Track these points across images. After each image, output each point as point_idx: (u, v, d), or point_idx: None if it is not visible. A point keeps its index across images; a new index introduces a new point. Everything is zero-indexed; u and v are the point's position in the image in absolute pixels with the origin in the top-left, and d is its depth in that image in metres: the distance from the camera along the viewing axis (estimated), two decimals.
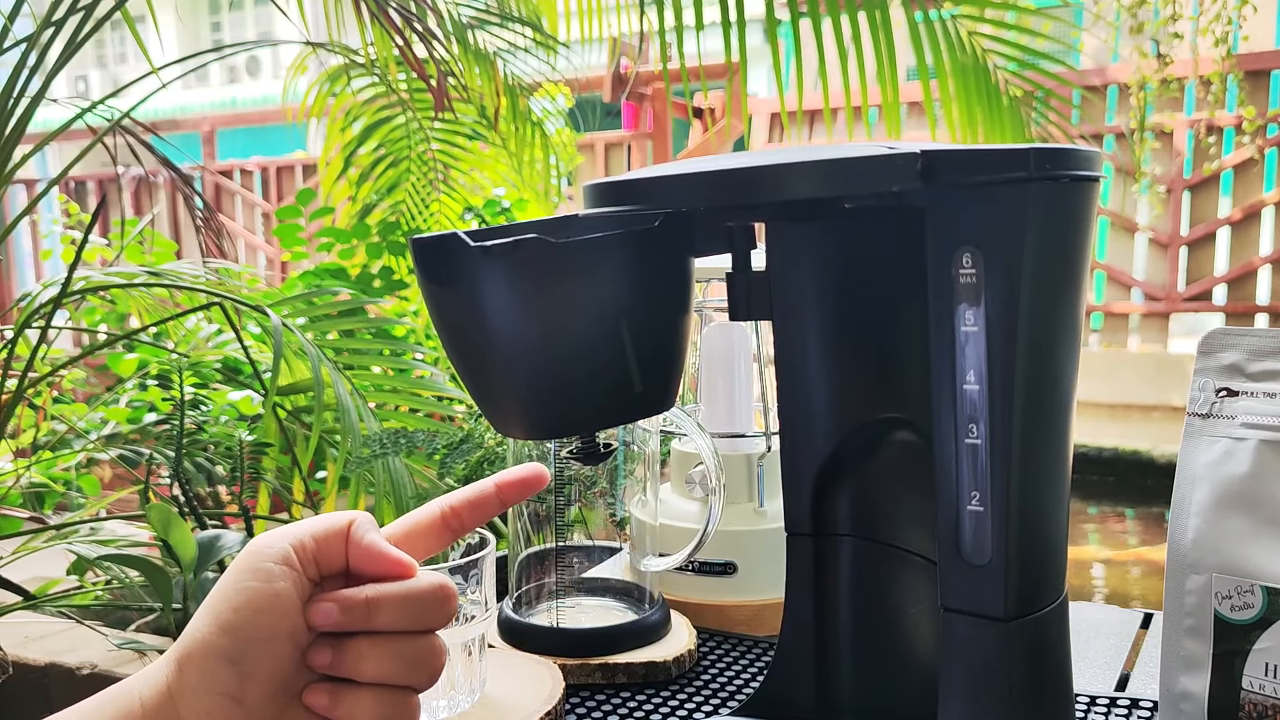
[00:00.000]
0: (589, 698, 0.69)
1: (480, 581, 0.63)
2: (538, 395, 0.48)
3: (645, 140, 4.48)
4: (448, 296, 0.47)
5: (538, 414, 0.49)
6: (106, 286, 1.74)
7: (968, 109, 1.83)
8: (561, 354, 0.47)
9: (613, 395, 0.48)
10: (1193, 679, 0.51)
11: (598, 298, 0.46)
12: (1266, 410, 0.50)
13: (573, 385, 0.48)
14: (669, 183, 0.40)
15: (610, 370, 0.47)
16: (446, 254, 0.46)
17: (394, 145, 2.52)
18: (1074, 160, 0.41)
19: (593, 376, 0.48)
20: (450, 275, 0.46)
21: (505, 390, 0.48)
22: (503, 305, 0.46)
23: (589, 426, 0.52)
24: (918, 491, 0.45)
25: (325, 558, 0.42)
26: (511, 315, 0.46)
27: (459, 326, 0.48)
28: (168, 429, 1.89)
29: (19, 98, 1.32)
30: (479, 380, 0.49)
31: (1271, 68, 3.99)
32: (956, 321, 0.41)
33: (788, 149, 0.44)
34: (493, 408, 0.50)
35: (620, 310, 0.47)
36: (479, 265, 0.45)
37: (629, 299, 0.47)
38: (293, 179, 4.83)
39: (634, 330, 0.47)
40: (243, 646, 0.39)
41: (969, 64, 1.80)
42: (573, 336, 0.47)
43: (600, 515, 0.76)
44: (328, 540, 0.42)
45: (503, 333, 0.46)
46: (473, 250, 0.45)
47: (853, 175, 0.40)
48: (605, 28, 2.11)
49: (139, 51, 1.30)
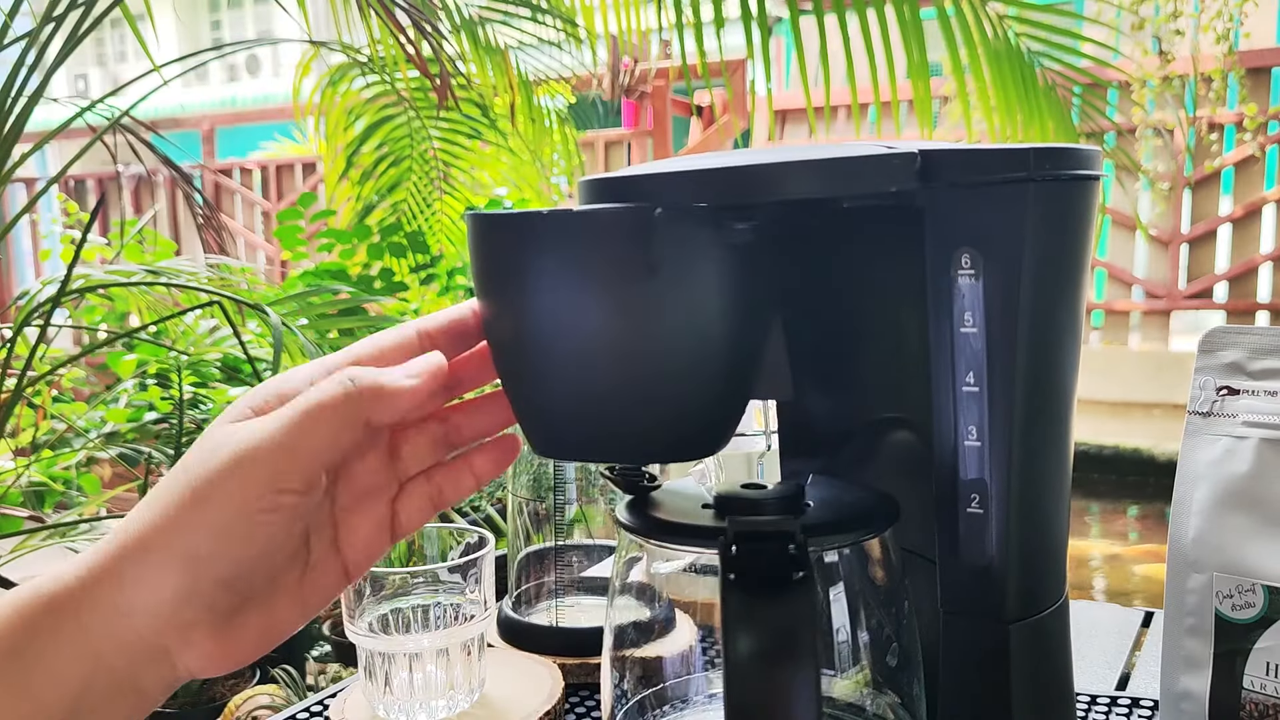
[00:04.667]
0: (589, 697, 0.69)
1: (479, 580, 0.63)
2: (656, 414, 0.40)
3: (645, 138, 4.48)
4: (589, 285, 0.39)
5: (641, 434, 0.41)
6: (106, 285, 1.74)
7: (1005, 99, 1.82)
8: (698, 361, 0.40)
9: (721, 417, 0.42)
10: (1194, 678, 0.51)
11: (749, 298, 0.41)
12: (1268, 409, 0.50)
13: (684, 403, 0.41)
14: (665, 180, 0.40)
15: (726, 387, 0.42)
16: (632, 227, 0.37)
17: (396, 144, 2.52)
18: (1074, 159, 0.41)
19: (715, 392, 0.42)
20: (633, 257, 0.38)
21: (611, 404, 0.40)
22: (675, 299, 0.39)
23: (673, 455, 0.44)
24: (918, 491, 0.45)
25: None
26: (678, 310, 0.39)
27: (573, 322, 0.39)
28: (167, 428, 1.89)
29: (18, 95, 1.32)
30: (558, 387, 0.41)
31: (1273, 65, 3.99)
32: (956, 322, 0.41)
33: (787, 147, 0.44)
34: (558, 423, 0.42)
35: (762, 319, 0.42)
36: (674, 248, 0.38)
37: (769, 307, 0.42)
38: (293, 178, 4.83)
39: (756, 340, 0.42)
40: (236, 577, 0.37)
41: (1002, 49, 1.79)
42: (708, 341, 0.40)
43: (600, 513, 0.76)
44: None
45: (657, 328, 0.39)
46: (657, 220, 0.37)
47: (851, 175, 0.40)
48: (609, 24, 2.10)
49: (139, 50, 1.30)
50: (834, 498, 0.46)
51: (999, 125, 1.86)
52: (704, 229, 0.39)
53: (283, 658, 1.78)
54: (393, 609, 0.63)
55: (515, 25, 2.14)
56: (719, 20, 1.72)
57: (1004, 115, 1.85)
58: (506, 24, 2.11)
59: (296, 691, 1.62)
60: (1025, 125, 1.86)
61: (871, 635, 0.46)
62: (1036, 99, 1.86)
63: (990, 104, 1.85)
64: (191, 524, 0.36)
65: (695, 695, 0.51)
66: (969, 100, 1.86)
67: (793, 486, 0.44)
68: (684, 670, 0.51)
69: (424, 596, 0.63)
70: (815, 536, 0.41)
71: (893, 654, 0.46)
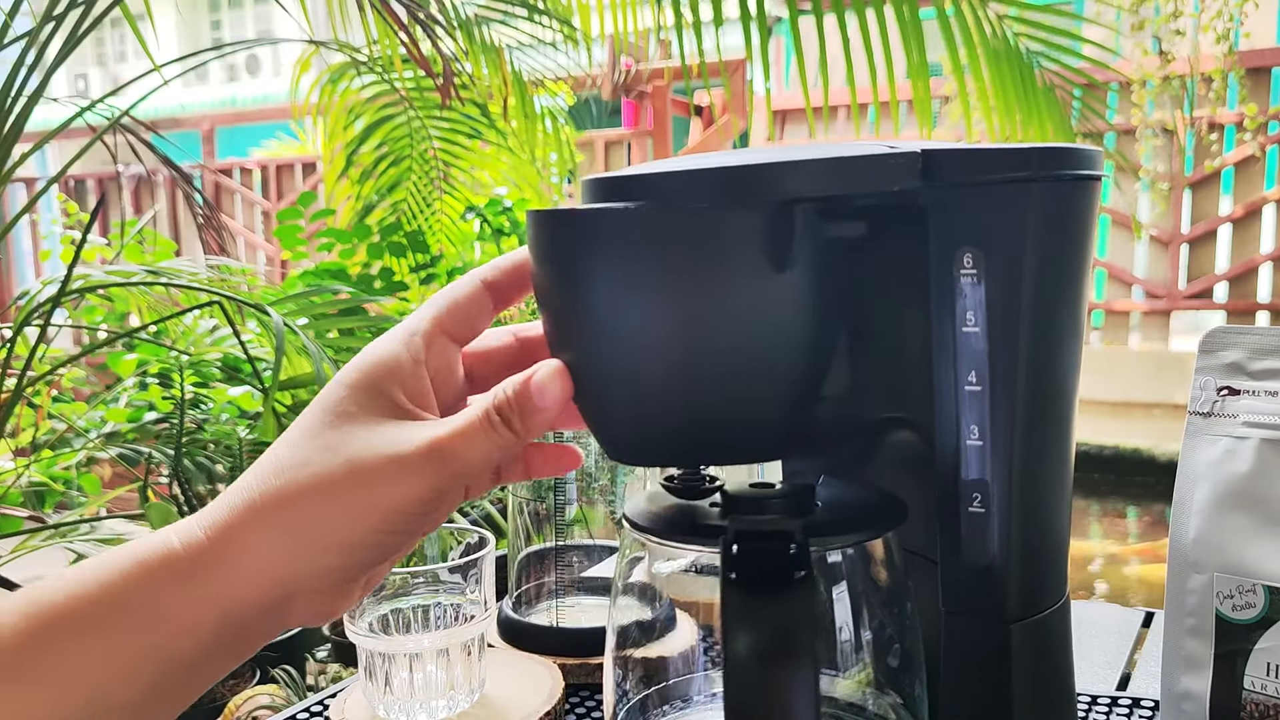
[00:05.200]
0: (589, 697, 0.69)
1: (479, 581, 0.63)
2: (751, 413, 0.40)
3: (645, 138, 4.48)
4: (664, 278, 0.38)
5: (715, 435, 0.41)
6: (106, 285, 1.74)
7: (1004, 99, 1.83)
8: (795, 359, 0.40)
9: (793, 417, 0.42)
10: (1194, 679, 0.51)
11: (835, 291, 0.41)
12: (1268, 409, 0.50)
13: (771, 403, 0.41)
14: (668, 179, 0.40)
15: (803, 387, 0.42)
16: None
17: (396, 144, 2.52)
18: (1076, 159, 0.41)
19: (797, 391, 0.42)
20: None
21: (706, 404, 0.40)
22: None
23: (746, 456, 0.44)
24: (919, 491, 0.45)
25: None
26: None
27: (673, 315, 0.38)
28: (167, 428, 1.89)
29: (18, 95, 1.32)
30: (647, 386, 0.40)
31: (1273, 65, 3.99)
32: (958, 321, 0.41)
33: (788, 147, 0.44)
34: (640, 427, 0.41)
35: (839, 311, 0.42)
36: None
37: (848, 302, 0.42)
38: (292, 177, 4.84)
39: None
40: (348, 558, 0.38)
41: (1001, 48, 1.79)
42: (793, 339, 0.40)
43: (600, 513, 0.76)
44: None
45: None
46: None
47: (853, 174, 0.39)
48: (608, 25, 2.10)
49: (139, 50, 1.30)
50: (842, 498, 0.46)
51: (998, 125, 1.86)
52: (822, 225, 0.39)
53: (283, 658, 1.78)
54: (393, 609, 0.63)
55: (512, 25, 2.14)
56: (718, 19, 1.72)
57: (1003, 115, 1.85)
58: (505, 23, 2.11)
59: (296, 691, 1.62)
60: (1024, 125, 1.87)
61: (874, 635, 0.46)
62: (1035, 99, 1.86)
63: (990, 104, 1.85)
64: (336, 507, 0.38)
65: (697, 695, 0.51)
66: (969, 100, 1.86)
67: (802, 486, 0.44)
68: (686, 670, 0.51)
69: (424, 596, 0.63)
70: (819, 537, 0.41)
71: (894, 654, 0.46)
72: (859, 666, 0.47)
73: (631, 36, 2.11)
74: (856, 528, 0.43)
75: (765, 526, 0.39)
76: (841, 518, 0.44)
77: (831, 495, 0.45)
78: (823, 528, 0.42)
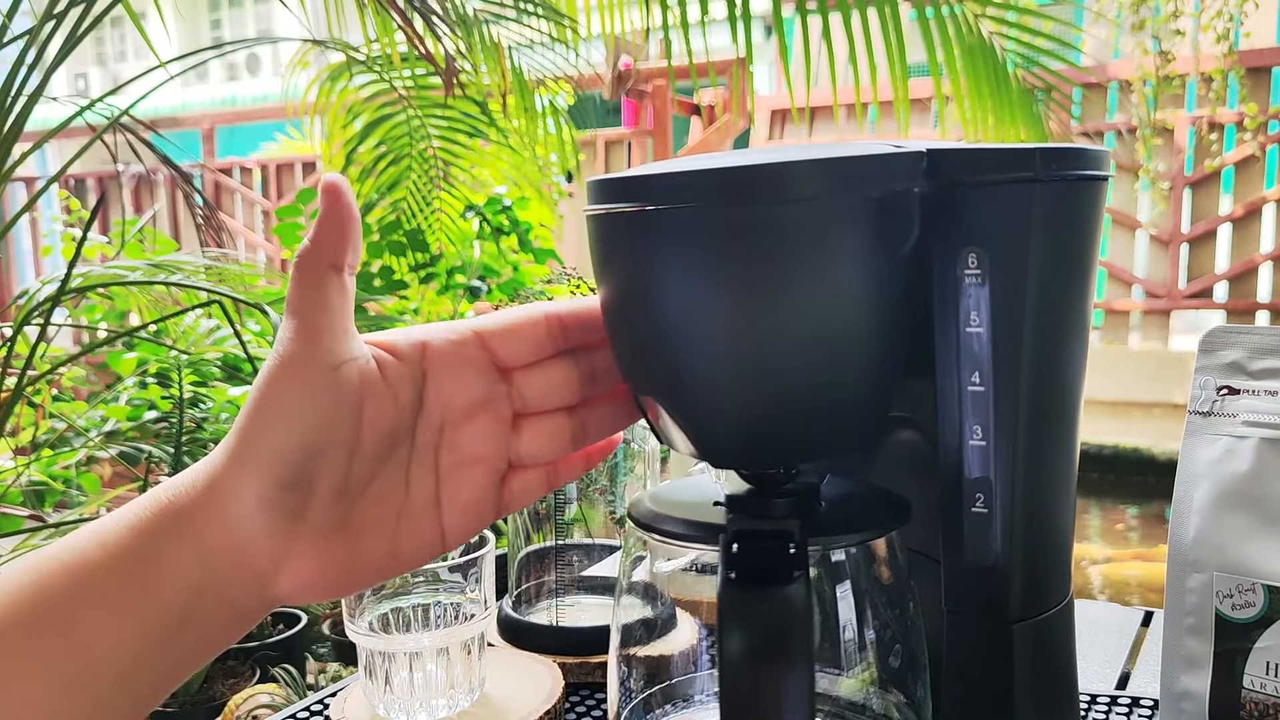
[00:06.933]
0: (589, 697, 0.69)
1: (479, 580, 0.63)
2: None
3: (645, 137, 4.48)
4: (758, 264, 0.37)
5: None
6: (106, 283, 1.74)
7: (979, 100, 1.83)
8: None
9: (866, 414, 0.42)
10: (1194, 678, 0.51)
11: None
12: (1268, 409, 0.50)
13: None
14: (668, 180, 0.40)
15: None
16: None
17: (395, 142, 2.51)
18: (1081, 160, 0.41)
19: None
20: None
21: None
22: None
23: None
24: (921, 491, 0.45)
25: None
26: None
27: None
28: (167, 426, 1.89)
29: (18, 94, 1.32)
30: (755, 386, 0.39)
31: (1273, 64, 3.99)
32: (962, 321, 0.41)
33: (789, 146, 0.44)
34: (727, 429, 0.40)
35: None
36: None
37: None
38: (293, 176, 4.84)
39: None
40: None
41: (976, 45, 1.79)
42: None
43: (600, 513, 0.76)
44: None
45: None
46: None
47: (857, 174, 0.39)
48: (605, 25, 2.10)
49: (139, 49, 1.30)
50: (847, 497, 0.46)
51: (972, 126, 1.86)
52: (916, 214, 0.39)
53: (283, 657, 1.78)
54: (393, 608, 0.63)
55: (512, 23, 2.14)
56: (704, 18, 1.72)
57: (976, 116, 1.85)
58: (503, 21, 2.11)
59: (296, 691, 1.63)
60: (997, 127, 1.87)
61: (877, 634, 0.46)
62: (1010, 101, 1.87)
63: (964, 105, 1.85)
64: (258, 415, 0.39)
65: (699, 694, 0.51)
66: (944, 101, 1.86)
67: (806, 486, 0.44)
68: (689, 668, 0.51)
69: (424, 595, 0.63)
70: (822, 536, 0.41)
71: (897, 654, 0.46)
72: (862, 665, 0.47)
73: (630, 36, 2.11)
74: (859, 527, 0.43)
75: (764, 526, 0.39)
76: (845, 516, 0.44)
77: (837, 493, 0.45)
78: (826, 527, 0.42)
